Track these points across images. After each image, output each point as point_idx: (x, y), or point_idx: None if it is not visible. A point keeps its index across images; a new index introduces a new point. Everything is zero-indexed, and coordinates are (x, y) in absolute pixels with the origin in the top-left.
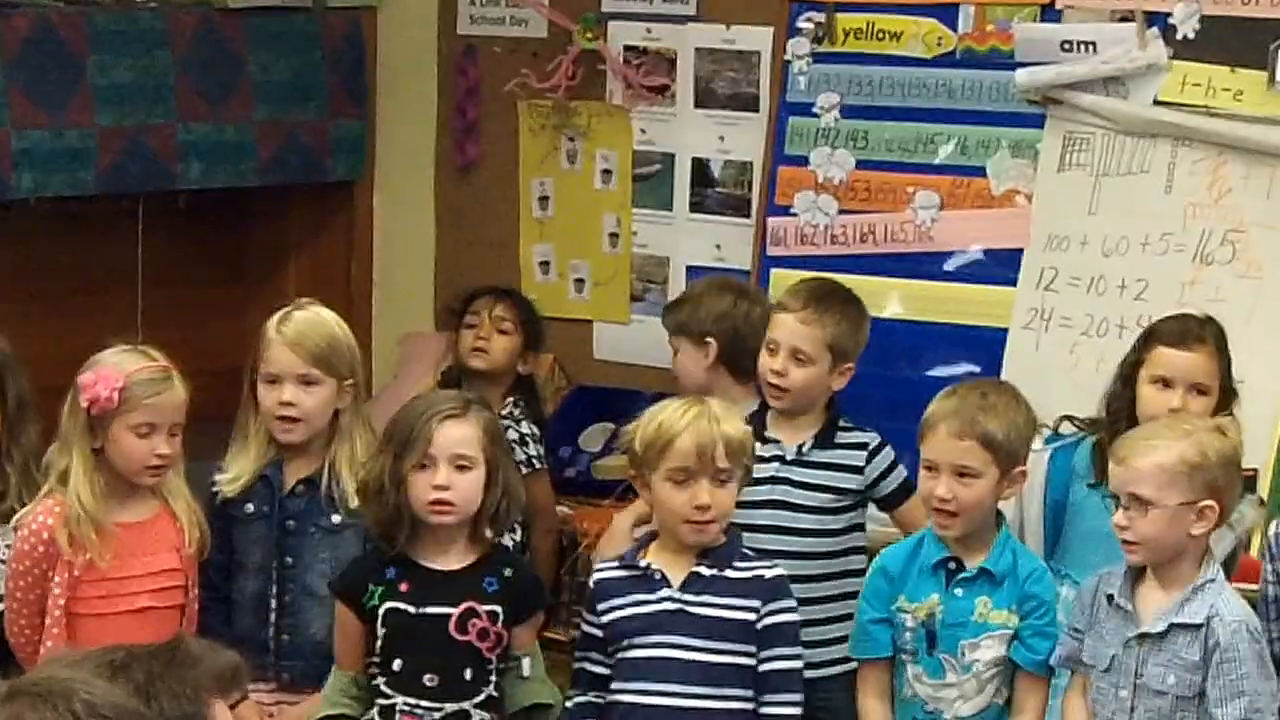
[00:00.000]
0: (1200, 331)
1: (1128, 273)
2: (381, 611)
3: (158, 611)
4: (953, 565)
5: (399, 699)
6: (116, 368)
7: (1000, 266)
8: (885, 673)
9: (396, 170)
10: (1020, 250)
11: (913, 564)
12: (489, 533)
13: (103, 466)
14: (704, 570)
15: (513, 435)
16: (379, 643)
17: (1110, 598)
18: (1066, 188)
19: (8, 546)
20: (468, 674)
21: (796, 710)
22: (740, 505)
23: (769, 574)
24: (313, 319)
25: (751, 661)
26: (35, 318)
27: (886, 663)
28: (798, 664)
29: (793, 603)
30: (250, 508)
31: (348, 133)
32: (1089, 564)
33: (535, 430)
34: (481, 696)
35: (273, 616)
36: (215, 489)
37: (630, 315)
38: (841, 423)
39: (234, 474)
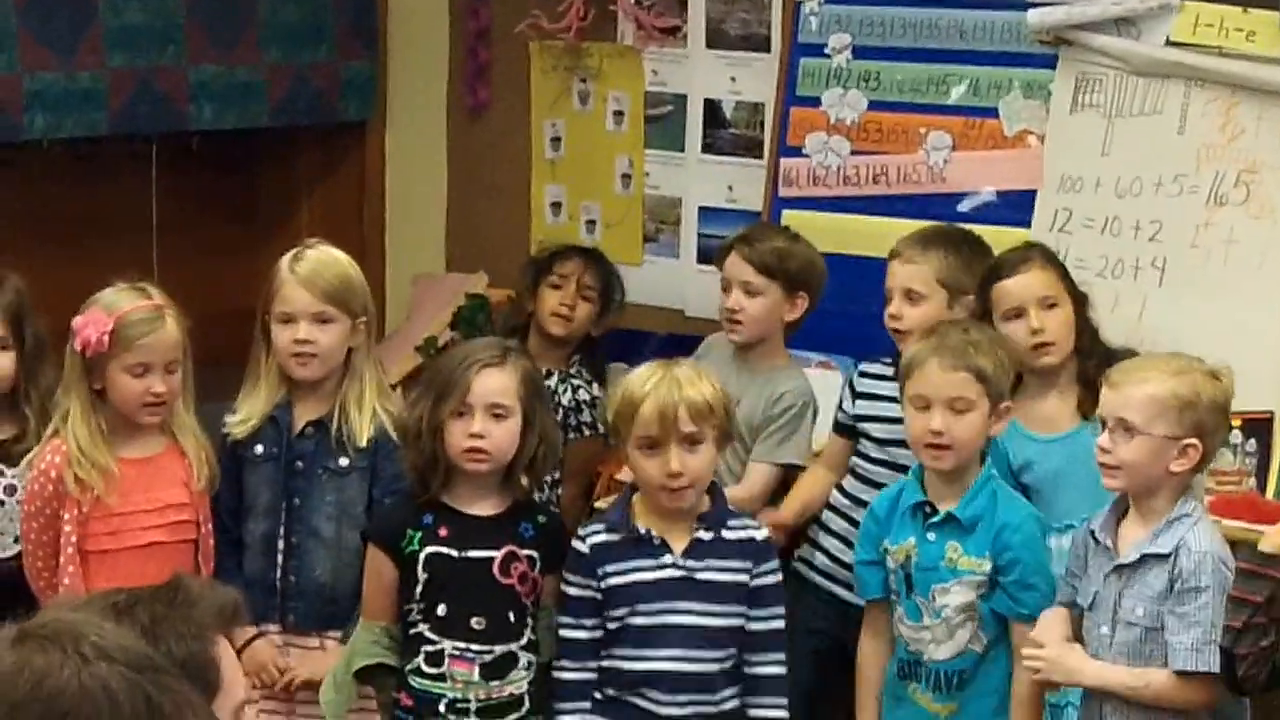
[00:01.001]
0: (1026, 254)
1: (1142, 214)
2: (423, 556)
3: (168, 547)
4: (927, 509)
5: (446, 643)
6: (107, 310)
7: (1013, 208)
8: (883, 612)
9: (407, 112)
10: (1033, 191)
11: (896, 507)
12: (525, 481)
13: (106, 406)
14: (704, 535)
15: (584, 396)
16: (419, 588)
17: (1093, 534)
18: (1079, 129)
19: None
20: (511, 617)
21: (783, 669)
22: None
23: (759, 535)
24: (325, 257)
25: (742, 621)
26: (49, 260)
27: (884, 603)
28: (781, 623)
29: (777, 563)
30: (260, 449)
31: (358, 74)
32: (1069, 507)
33: (602, 395)
34: (524, 640)
35: (280, 558)
36: (225, 431)
37: (643, 256)
38: None
39: (243, 415)
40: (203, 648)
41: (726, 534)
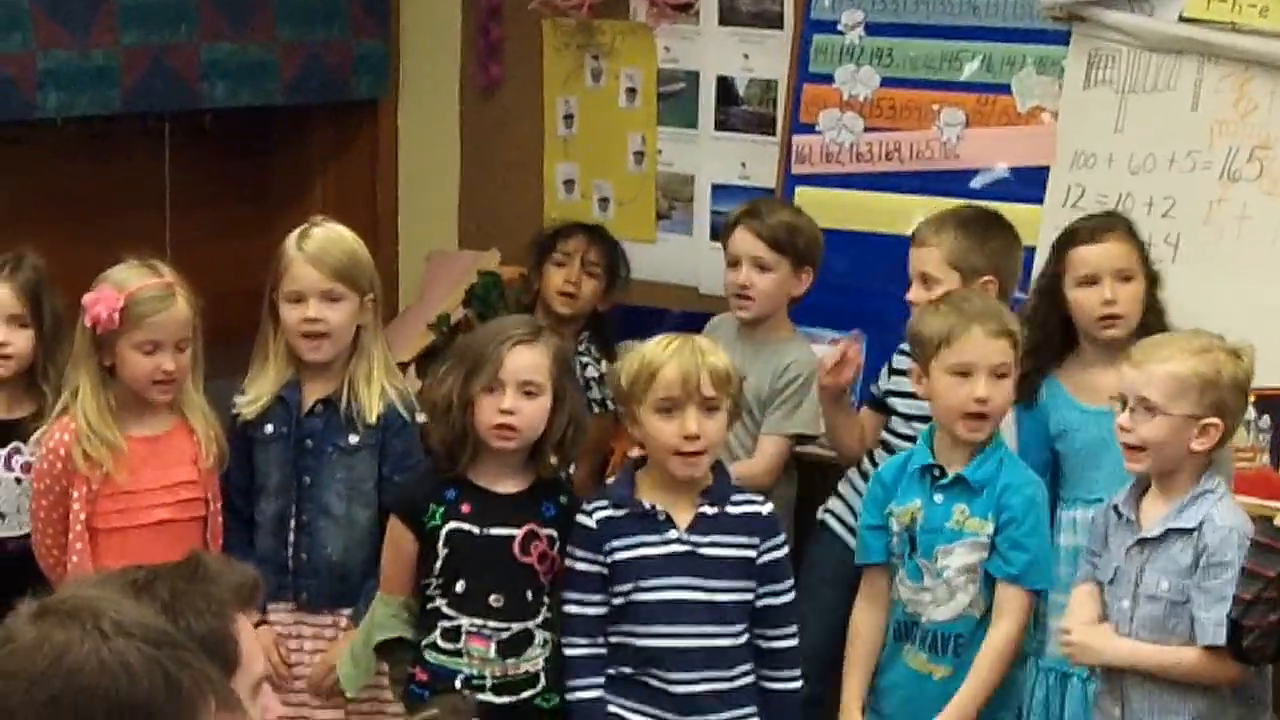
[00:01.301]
0: (1108, 222)
1: (1155, 190)
2: (444, 532)
3: (177, 524)
4: (936, 472)
5: (464, 619)
6: (118, 287)
7: (1027, 184)
8: (881, 577)
9: (420, 89)
10: (1046, 168)
11: (904, 470)
12: (553, 460)
13: (115, 383)
14: (708, 510)
15: (592, 373)
16: (439, 564)
17: (1116, 509)
18: (1092, 105)
19: None
20: (529, 595)
21: (794, 642)
22: None
23: (764, 510)
24: (332, 235)
25: (751, 596)
26: (62, 238)
27: (883, 568)
28: (791, 597)
29: (784, 537)
30: (269, 429)
31: (371, 52)
32: (1076, 483)
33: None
34: (541, 618)
35: (291, 536)
36: (235, 411)
37: (656, 234)
38: None
39: (253, 396)
40: (222, 624)
41: (730, 509)
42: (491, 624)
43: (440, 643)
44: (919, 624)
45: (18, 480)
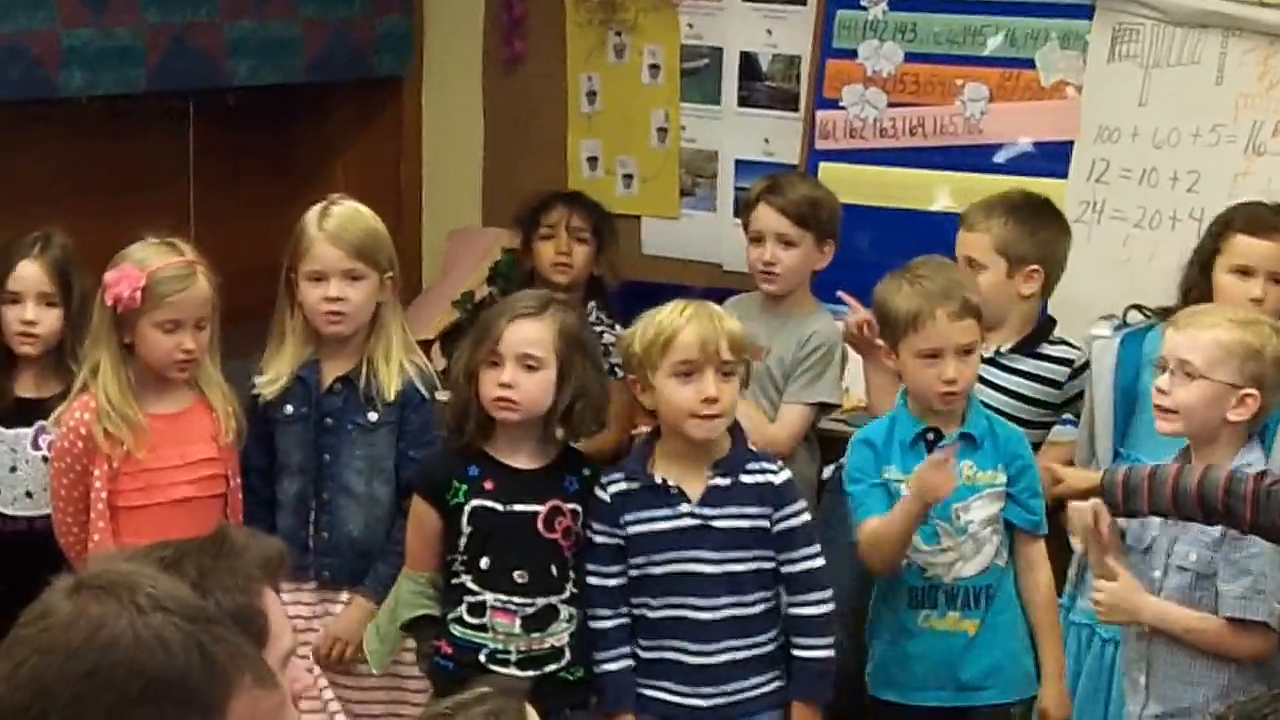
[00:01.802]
0: (1277, 220)
1: (1179, 164)
2: (468, 509)
3: (198, 501)
4: (931, 435)
5: (489, 595)
6: (139, 265)
7: (1051, 159)
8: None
9: (443, 66)
10: (1070, 142)
11: (891, 440)
12: (560, 433)
13: (134, 360)
14: (720, 481)
15: (609, 339)
16: (463, 540)
17: None
18: (1116, 79)
19: None
20: (554, 570)
21: (828, 606)
22: None
23: (778, 479)
24: (351, 213)
25: (770, 565)
26: (88, 216)
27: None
28: (819, 561)
29: (803, 504)
30: (289, 409)
31: (394, 29)
32: (1157, 450)
33: None
34: (566, 593)
35: (312, 515)
36: (255, 392)
37: (679, 210)
38: (1050, 336)
39: (271, 376)
40: (251, 599)
41: (744, 478)
42: (516, 599)
43: (466, 617)
44: (940, 586)
45: (45, 459)
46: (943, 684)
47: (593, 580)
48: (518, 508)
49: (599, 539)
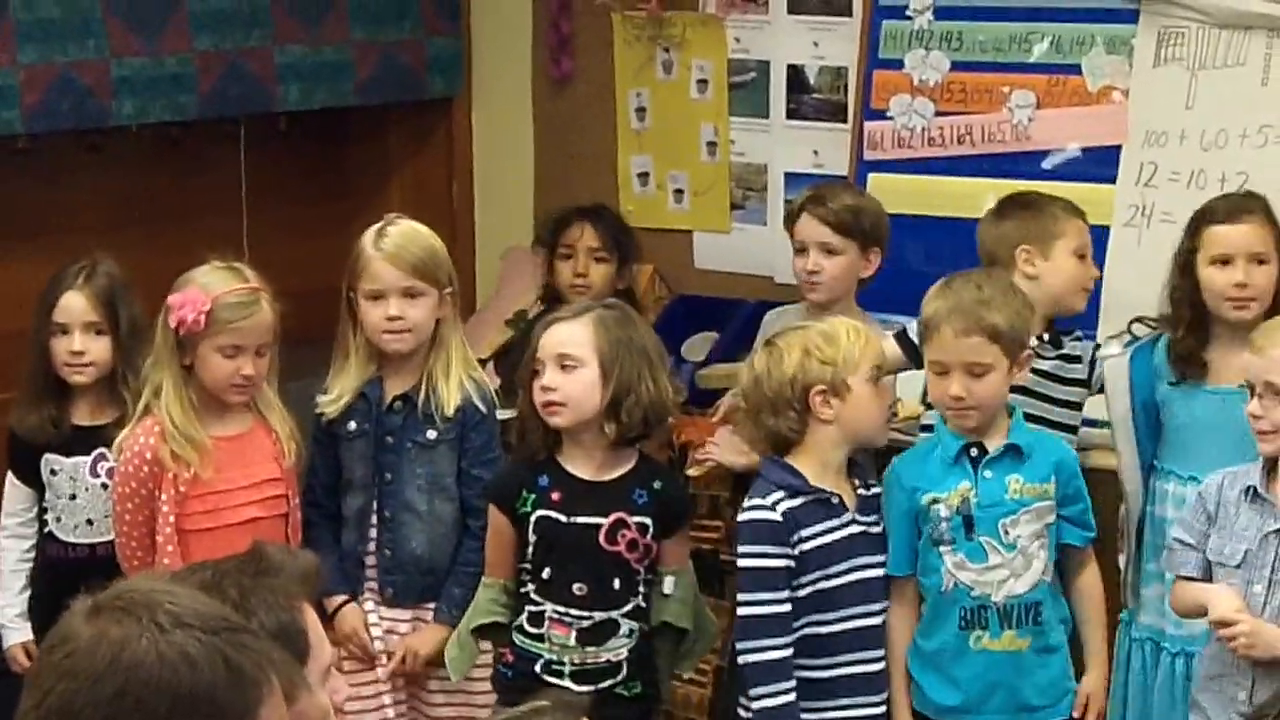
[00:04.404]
0: (1247, 203)
1: (1227, 166)
2: (533, 519)
3: (265, 521)
4: (974, 451)
5: (548, 606)
6: (204, 290)
7: (1099, 164)
8: (909, 585)
9: (493, 86)
10: (1118, 147)
11: (929, 461)
12: (608, 432)
13: (194, 382)
14: (863, 491)
15: None
16: (529, 550)
17: (1250, 490)
18: (1163, 83)
19: None
20: (616, 584)
21: None
22: None
23: (876, 490)
24: (408, 231)
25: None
26: (141, 243)
27: (909, 577)
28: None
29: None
30: (352, 426)
31: (444, 50)
32: (1187, 459)
33: None
34: (629, 606)
35: (373, 532)
36: (319, 410)
37: (731, 224)
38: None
39: (335, 394)
40: (292, 617)
41: (869, 490)
42: (574, 612)
43: (526, 626)
44: (990, 605)
45: (104, 486)
46: (1003, 706)
47: (760, 610)
48: (580, 520)
49: (768, 562)
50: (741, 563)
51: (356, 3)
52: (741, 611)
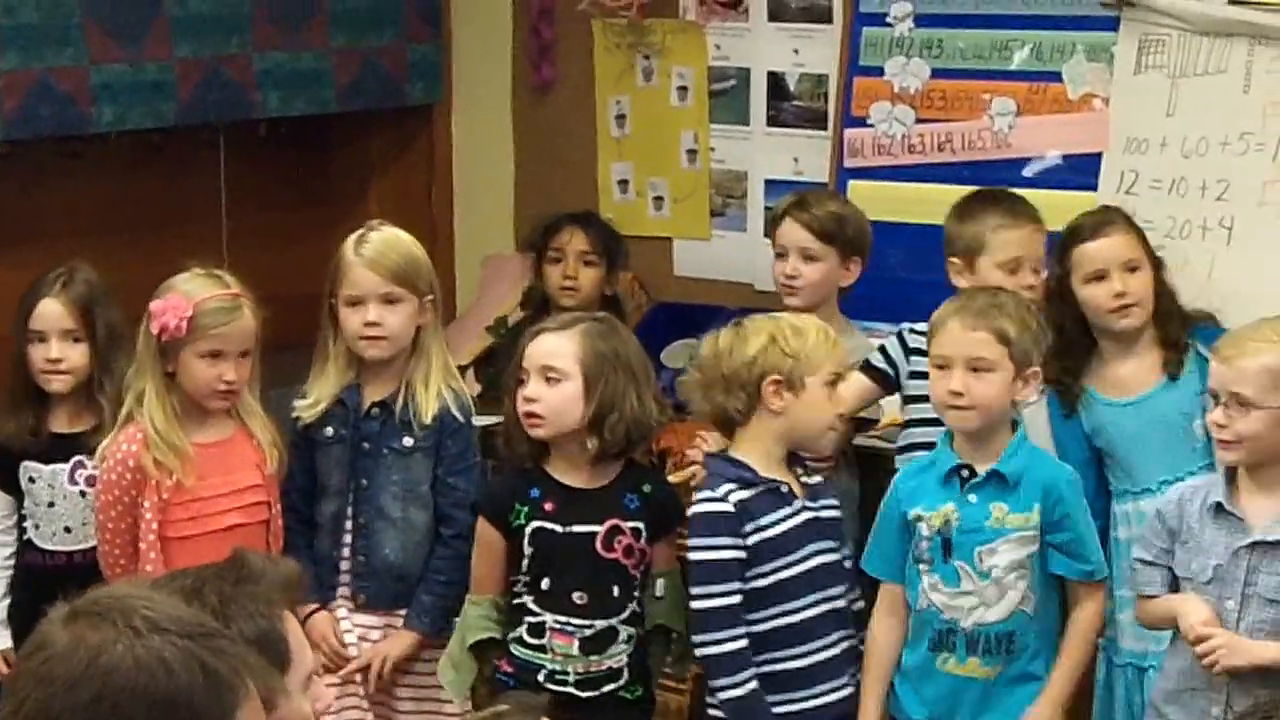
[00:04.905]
0: (1110, 216)
1: (1208, 174)
2: (529, 531)
3: (247, 528)
4: (965, 473)
5: (548, 616)
6: (185, 296)
7: (1079, 171)
8: (898, 588)
9: (473, 92)
10: (1099, 154)
11: (927, 475)
12: (590, 447)
13: (177, 390)
14: (807, 480)
15: None
16: (526, 562)
17: (1218, 506)
18: (1143, 90)
19: None
20: (615, 591)
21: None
22: None
23: (818, 478)
24: (389, 238)
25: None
26: (122, 250)
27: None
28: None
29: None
30: (329, 431)
31: (424, 56)
32: (1132, 473)
33: None
34: (627, 613)
35: (347, 538)
36: (296, 415)
37: (711, 231)
38: None
39: (313, 399)
40: (272, 625)
41: (814, 478)
42: (575, 621)
43: (526, 637)
44: (958, 630)
45: (82, 494)
46: None
47: (715, 602)
48: (577, 529)
49: (723, 554)
50: (694, 555)
51: (337, 9)
52: (696, 605)
